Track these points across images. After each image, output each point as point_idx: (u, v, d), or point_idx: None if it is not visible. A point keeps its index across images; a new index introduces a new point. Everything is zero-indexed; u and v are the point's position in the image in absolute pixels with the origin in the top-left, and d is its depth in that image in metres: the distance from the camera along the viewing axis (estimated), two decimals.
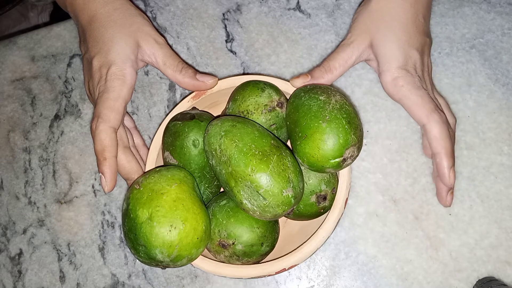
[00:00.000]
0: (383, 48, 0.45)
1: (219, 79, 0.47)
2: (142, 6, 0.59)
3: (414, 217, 0.48)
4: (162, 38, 0.48)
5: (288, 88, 0.45)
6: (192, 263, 0.40)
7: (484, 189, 0.48)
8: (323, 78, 0.46)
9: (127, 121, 0.51)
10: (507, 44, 0.52)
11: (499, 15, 0.53)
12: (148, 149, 0.46)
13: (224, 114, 0.48)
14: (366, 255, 0.48)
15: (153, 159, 0.45)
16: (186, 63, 0.48)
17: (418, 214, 0.48)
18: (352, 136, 0.38)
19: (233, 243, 0.40)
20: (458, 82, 0.52)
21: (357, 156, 0.39)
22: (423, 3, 0.46)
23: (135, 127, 0.53)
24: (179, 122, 0.43)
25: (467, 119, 0.50)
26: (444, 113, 0.45)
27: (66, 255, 0.52)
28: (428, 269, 0.47)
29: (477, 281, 0.46)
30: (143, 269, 0.51)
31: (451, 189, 0.45)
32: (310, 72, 0.46)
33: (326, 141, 0.37)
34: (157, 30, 0.48)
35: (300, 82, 0.45)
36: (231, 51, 0.56)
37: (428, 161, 0.50)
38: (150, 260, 0.37)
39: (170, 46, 0.50)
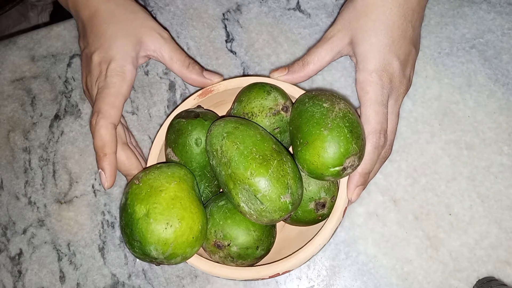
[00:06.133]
0: (362, 47, 0.42)
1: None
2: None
3: (414, 217, 0.48)
4: (167, 32, 0.47)
5: (294, 92, 0.44)
6: (187, 261, 0.40)
7: (484, 189, 0.48)
8: (299, 73, 0.45)
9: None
10: (507, 44, 0.52)
11: (499, 15, 0.53)
12: (152, 143, 0.46)
13: (228, 114, 0.48)
14: (366, 255, 0.48)
15: (155, 154, 0.45)
16: (192, 58, 0.48)
17: (418, 214, 0.48)
18: (354, 145, 0.37)
19: (229, 245, 0.40)
20: (458, 82, 0.52)
21: (357, 165, 0.39)
22: (413, 8, 0.44)
23: (127, 127, 0.52)
24: (183, 120, 0.43)
25: (467, 119, 0.50)
26: (386, 138, 0.42)
27: (66, 255, 0.52)
28: (428, 269, 0.47)
29: (477, 281, 0.46)
30: (143, 269, 0.51)
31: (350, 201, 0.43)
32: (289, 65, 0.45)
33: (326, 149, 0.37)
34: (161, 24, 0.48)
35: (277, 75, 0.45)
36: (231, 51, 0.56)
37: (428, 161, 0.50)
38: (145, 256, 0.37)
39: (175, 41, 0.50)
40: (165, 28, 0.48)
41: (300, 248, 0.40)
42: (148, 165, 0.44)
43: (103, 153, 0.42)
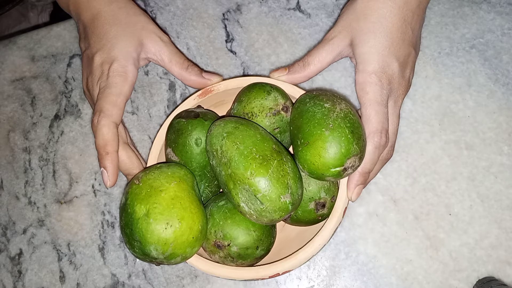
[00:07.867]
0: (361, 49, 0.43)
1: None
2: (142, 6, 0.59)
3: (414, 217, 0.48)
4: (167, 36, 0.48)
5: (295, 92, 0.44)
6: (187, 261, 0.40)
7: (484, 189, 0.48)
8: (300, 73, 0.45)
9: None
10: (507, 44, 0.52)
11: (499, 15, 0.53)
12: (152, 143, 0.46)
13: (228, 114, 0.48)
14: (366, 255, 0.48)
15: (156, 154, 0.45)
16: (191, 61, 0.48)
17: (418, 214, 0.48)
18: (355, 146, 0.37)
19: (228, 245, 0.40)
20: (458, 82, 0.52)
21: (358, 166, 0.39)
22: (413, 10, 0.44)
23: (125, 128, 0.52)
24: (183, 120, 0.43)
25: (467, 119, 0.50)
26: (388, 138, 0.42)
27: (66, 255, 0.52)
28: (428, 269, 0.47)
29: (477, 281, 0.46)
30: (143, 269, 0.51)
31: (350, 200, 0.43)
32: (290, 65, 0.45)
33: (327, 149, 0.37)
34: (160, 28, 0.49)
35: (277, 75, 0.45)
36: (231, 51, 0.56)
37: (428, 161, 0.50)
38: (145, 256, 0.38)
39: (174, 42, 0.50)
40: (165, 32, 0.49)
41: (300, 248, 0.40)
42: (148, 165, 0.44)
43: (105, 152, 0.42)
